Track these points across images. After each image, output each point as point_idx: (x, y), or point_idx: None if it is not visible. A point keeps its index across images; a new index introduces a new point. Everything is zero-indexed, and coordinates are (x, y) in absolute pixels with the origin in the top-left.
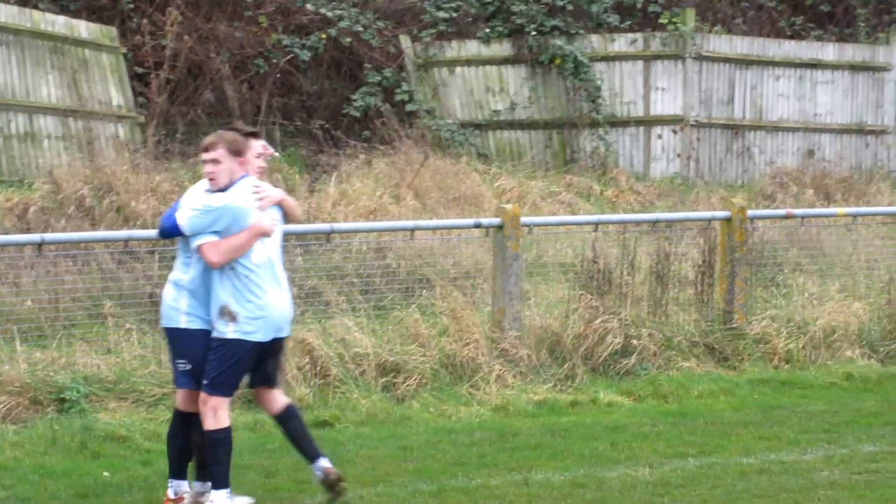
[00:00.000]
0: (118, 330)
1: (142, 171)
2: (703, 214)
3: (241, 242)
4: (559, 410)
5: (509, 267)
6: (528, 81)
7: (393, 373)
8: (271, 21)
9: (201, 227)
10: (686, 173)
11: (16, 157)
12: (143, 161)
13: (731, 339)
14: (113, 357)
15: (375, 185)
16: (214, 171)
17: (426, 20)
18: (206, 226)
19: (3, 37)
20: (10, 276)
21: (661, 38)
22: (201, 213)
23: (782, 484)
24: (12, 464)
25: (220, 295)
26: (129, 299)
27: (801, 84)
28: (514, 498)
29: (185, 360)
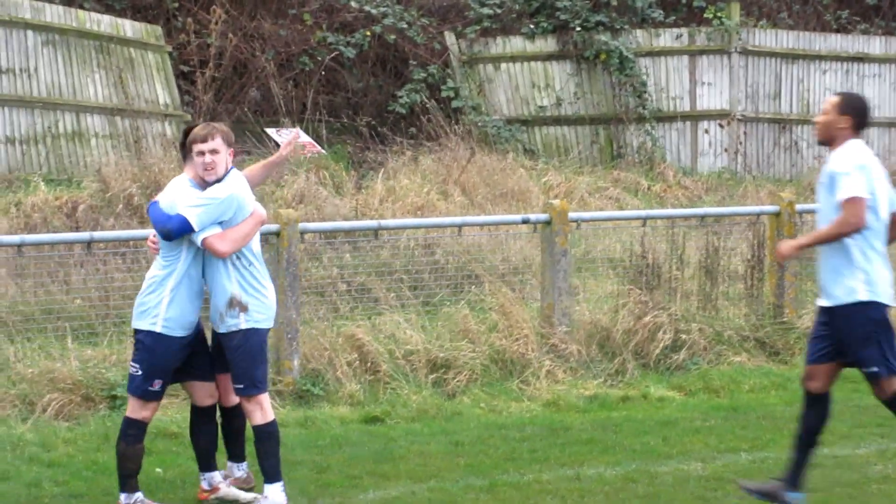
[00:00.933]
0: None
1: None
2: (752, 209)
3: (248, 231)
4: (610, 405)
5: (558, 262)
6: (573, 77)
7: (443, 369)
8: (316, 19)
9: (210, 221)
10: (733, 168)
11: (64, 155)
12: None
13: (781, 334)
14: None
15: (422, 181)
16: (214, 161)
17: (471, 16)
18: (215, 219)
19: (50, 36)
20: (61, 275)
21: (707, 32)
22: (209, 207)
23: (836, 478)
24: (65, 460)
25: (226, 287)
26: None
27: (847, 78)
28: (566, 493)
29: (138, 366)
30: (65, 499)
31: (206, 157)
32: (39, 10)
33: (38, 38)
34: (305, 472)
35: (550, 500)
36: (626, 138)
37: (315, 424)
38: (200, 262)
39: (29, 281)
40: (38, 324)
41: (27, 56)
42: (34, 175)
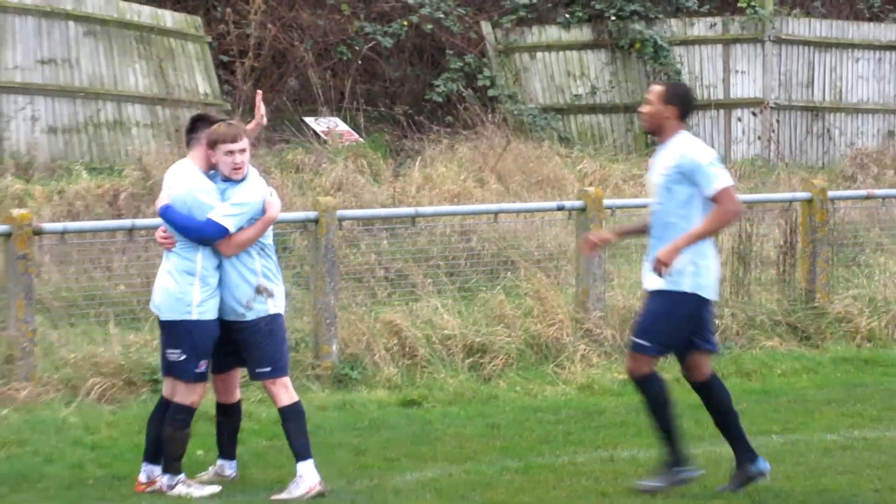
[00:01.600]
0: None
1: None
2: (784, 196)
3: (255, 234)
4: None
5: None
6: (608, 66)
7: (479, 353)
8: (353, 9)
9: (242, 224)
10: (766, 155)
11: (105, 144)
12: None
13: (813, 318)
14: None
15: (459, 169)
16: (243, 161)
17: (506, 6)
18: (245, 221)
19: (91, 27)
20: (103, 261)
21: (740, 21)
22: (244, 213)
23: (866, 460)
24: (109, 443)
25: (254, 275)
26: None
27: (880, 66)
28: (601, 474)
29: (181, 351)
30: (108, 480)
31: (237, 157)
32: (80, 1)
33: (80, 28)
34: (344, 454)
35: (585, 481)
36: None
37: (353, 408)
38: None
39: (72, 267)
40: (81, 309)
41: (69, 46)
42: (76, 163)
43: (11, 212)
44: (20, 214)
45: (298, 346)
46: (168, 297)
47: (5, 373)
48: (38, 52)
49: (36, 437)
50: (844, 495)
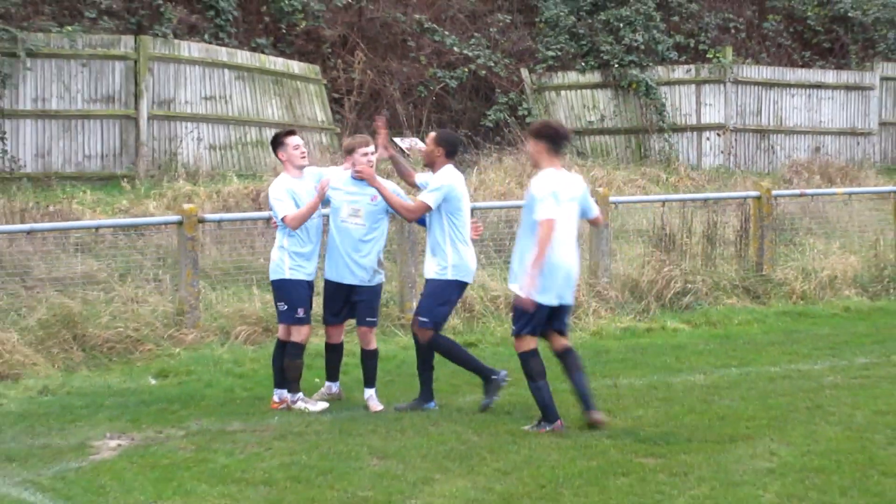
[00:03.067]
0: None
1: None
2: (741, 194)
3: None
4: (638, 334)
5: (601, 233)
6: (612, 100)
7: None
8: (429, 59)
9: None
10: (727, 165)
11: (250, 157)
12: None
13: (761, 283)
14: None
15: (504, 175)
16: (372, 161)
17: (539, 57)
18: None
19: (241, 73)
20: (248, 242)
21: (708, 68)
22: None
23: (799, 386)
24: (251, 373)
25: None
26: None
27: (809, 100)
28: (607, 396)
29: (283, 303)
30: (251, 400)
31: (370, 157)
32: (233, 55)
33: (232, 74)
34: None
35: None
36: (650, 144)
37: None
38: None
39: (225, 246)
40: (232, 276)
41: (224, 87)
42: (229, 171)
43: (183, 206)
44: (189, 208)
45: (388, 303)
46: (271, 264)
47: (178, 322)
48: (203, 91)
49: (199, 369)
50: (785, 411)
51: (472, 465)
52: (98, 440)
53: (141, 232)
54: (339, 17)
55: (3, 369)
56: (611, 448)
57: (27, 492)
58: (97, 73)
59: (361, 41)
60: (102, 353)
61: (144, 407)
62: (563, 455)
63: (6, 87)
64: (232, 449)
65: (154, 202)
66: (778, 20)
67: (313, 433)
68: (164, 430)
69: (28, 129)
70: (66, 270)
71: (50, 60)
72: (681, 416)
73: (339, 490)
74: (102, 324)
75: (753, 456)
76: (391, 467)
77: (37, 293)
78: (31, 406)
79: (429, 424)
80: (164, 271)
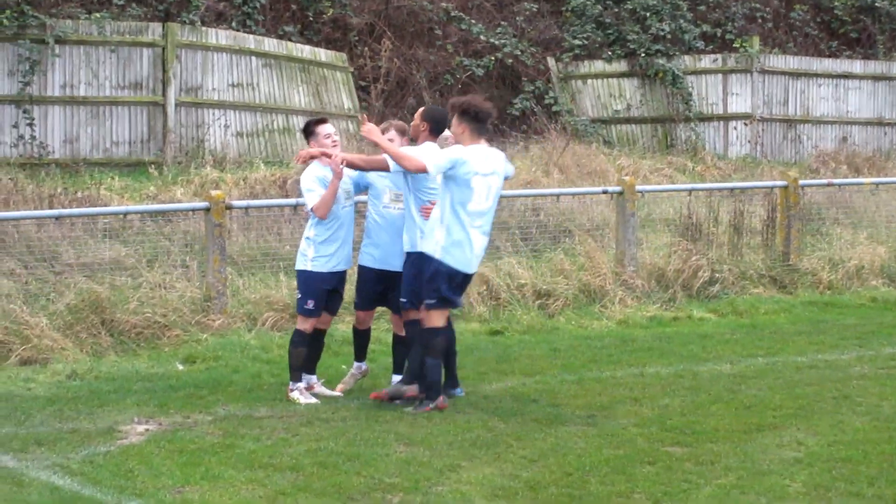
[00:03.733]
0: None
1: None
2: (767, 183)
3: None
4: (664, 323)
5: (628, 221)
6: (639, 90)
7: (545, 297)
8: (455, 48)
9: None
10: (754, 154)
11: (277, 144)
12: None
13: (788, 273)
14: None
15: (531, 163)
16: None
17: (566, 46)
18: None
19: (268, 61)
20: (275, 228)
21: (735, 57)
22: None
23: (826, 376)
24: (278, 359)
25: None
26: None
27: (836, 90)
28: (633, 385)
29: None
30: (278, 386)
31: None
32: (260, 42)
33: (259, 61)
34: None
35: (622, 390)
36: (677, 133)
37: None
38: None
39: (252, 233)
40: (259, 263)
41: (251, 74)
42: (256, 158)
43: (210, 192)
44: (216, 194)
45: None
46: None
47: (206, 308)
48: (230, 78)
49: (226, 354)
50: (811, 401)
51: (498, 453)
52: (126, 425)
53: (168, 218)
54: (366, 4)
55: (32, 354)
56: (637, 437)
57: (56, 475)
58: (125, 60)
59: (388, 29)
60: (130, 339)
61: (172, 392)
62: (589, 443)
63: (35, 73)
64: (259, 434)
65: (181, 189)
66: (805, 10)
67: (340, 419)
68: (192, 415)
69: (56, 116)
70: (95, 256)
71: (78, 47)
72: (707, 405)
73: (365, 476)
74: (130, 309)
75: (780, 445)
76: (417, 454)
77: (65, 278)
78: (59, 390)
79: (455, 411)
80: (191, 257)
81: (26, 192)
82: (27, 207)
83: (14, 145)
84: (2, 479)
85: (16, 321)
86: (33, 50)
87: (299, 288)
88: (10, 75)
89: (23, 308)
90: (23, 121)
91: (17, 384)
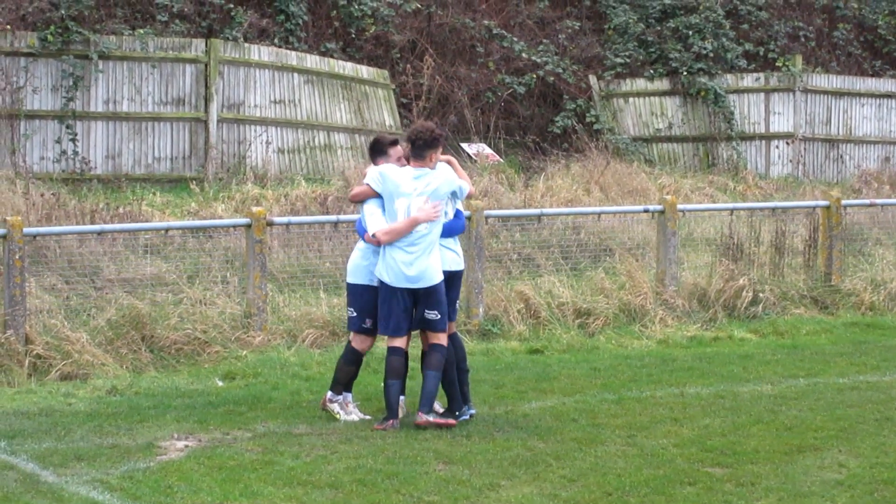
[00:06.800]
0: None
1: None
2: (809, 203)
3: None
4: (705, 343)
5: (669, 240)
6: (681, 108)
7: (585, 315)
8: (497, 65)
9: None
10: (796, 174)
11: (318, 161)
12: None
13: (830, 293)
14: None
15: (572, 182)
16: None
17: (607, 64)
18: None
19: (310, 78)
20: (315, 245)
21: (777, 76)
22: None
23: (868, 398)
24: (318, 376)
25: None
26: None
27: (879, 109)
28: (673, 405)
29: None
30: (317, 403)
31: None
32: (302, 59)
33: (301, 78)
34: (486, 388)
35: (662, 410)
36: (718, 152)
37: (494, 354)
38: None
39: (293, 249)
40: (300, 280)
41: (293, 91)
42: (297, 175)
43: (252, 209)
44: (258, 211)
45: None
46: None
47: (246, 325)
48: (272, 94)
49: (266, 371)
50: (853, 422)
51: (537, 472)
52: (165, 441)
53: (209, 234)
54: (408, 22)
55: (72, 369)
56: (677, 457)
57: (95, 491)
58: (168, 76)
59: (430, 46)
60: (170, 355)
61: (211, 408)
62: (629, 463)
63: (78, 89)
64: (298, 452)
65: (222, 205)
66: (848, 29)
67: (379, 437)
68: (231, 431)
69: (99, 131)
70: (136, 272)
71: (121, 63)
72: (748, 425)
73: (404, 494)
74: (171, 325)
75: (822, 467)
76: (457, 472)
77: (106, 294)
78: (99, 406)
79: (494, 430)
80: (231, 274)
81: (68, 208)
82: (69, 223)
83: (57, 160)
84: (42, 495)
85: (57, 336)
86: (77, 66)
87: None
88: (53, 91)
89: (64, 323)
90: (66, 136)
91: (57, 399)
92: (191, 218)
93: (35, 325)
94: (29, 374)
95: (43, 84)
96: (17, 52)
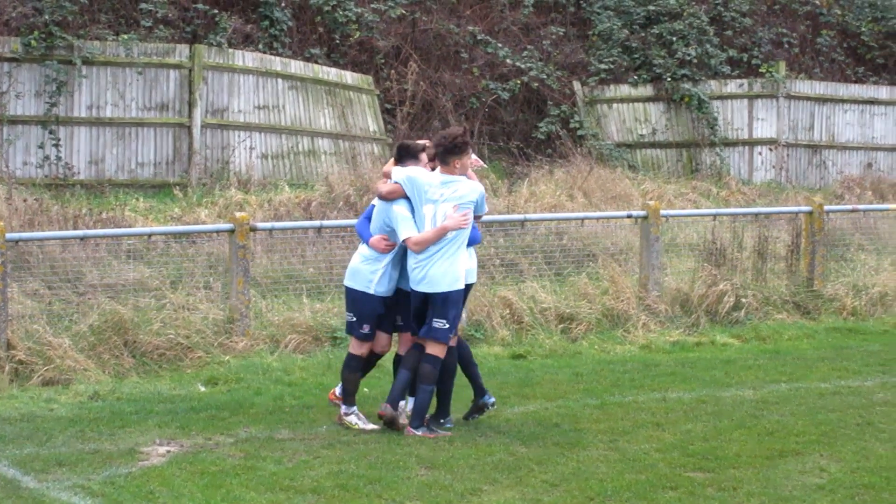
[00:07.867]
0: None
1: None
2: (792, 209)
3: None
4: (687, 348)
5: (652, 246)
6: (664, 114)
7: (568, 321)
8: (481, 71)
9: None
10: (779, 180)
11: (302, 167)
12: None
13: (812, 298)
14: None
15: (555, 187)
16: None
17: (592, 70)
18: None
19: (294, 83)
20: (299, 251)
21: (761, 82)
22: None
23: (849, 402)
24: (300, 381)
25: None
26: None
27: (862, 115)
28: (656, 410)
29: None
30: (300, 408)
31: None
32: (287, 64)
33: (285, 84)
34: (469, 392)
35: (644, 415)
36: (702, 158)
37: (477, 359)
38: None
39: (276, 255)
40: (282, 285)
41: (277, 96)
42: (281, 180)
43: (235, 214)
44: (241, 216)
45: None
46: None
47: (228, 330)
48: (256, 100)
49: (249, 377)
50: (834, 427)
51: (520, 477)
52: (147, 446)
53: (192, 240)
54: (392, 28)
55: (54, 374)
56: (659, 462)
57: (77, 496)
58: (152, 82)
59: (414, 52)
60: (153, 360)
61: (194, 414)
62: (611, 468)
63: (61, 94)
64: (280, 457)
65: (206, 210)
66: (832, 35)
67: (361, 442)
68: (213, 437)
69: (82, 137)
70: (118, 277)
71: (105, 68)
72: (730, 430)
73: (386, 499)
74: (153, 330)
75: (803, 472)
76: (439, 477)
77: (88, 299)
78: (81, 411)
79: (477, 435)
80: (214, 279)
81: (51, 213)
82: (52, 228)
83: (40, 166)
84: (23, 500)
85: (39, 342)
86: (60, 71)
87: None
88: (37, 96)
89: (46, 328)
90: (49, 141)
91: (39, 405)
92: (174, 223)
93: (17, 331)
94: (10, 379)
95: (26, 89)
96: (1, 57)
